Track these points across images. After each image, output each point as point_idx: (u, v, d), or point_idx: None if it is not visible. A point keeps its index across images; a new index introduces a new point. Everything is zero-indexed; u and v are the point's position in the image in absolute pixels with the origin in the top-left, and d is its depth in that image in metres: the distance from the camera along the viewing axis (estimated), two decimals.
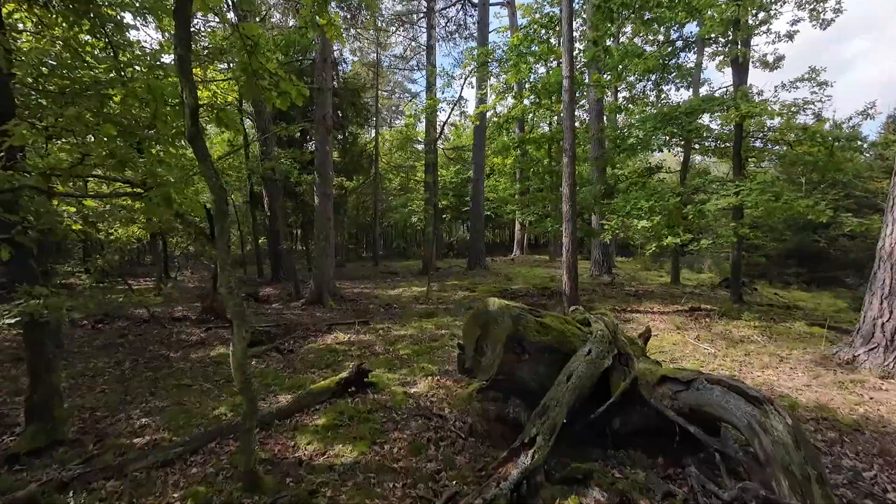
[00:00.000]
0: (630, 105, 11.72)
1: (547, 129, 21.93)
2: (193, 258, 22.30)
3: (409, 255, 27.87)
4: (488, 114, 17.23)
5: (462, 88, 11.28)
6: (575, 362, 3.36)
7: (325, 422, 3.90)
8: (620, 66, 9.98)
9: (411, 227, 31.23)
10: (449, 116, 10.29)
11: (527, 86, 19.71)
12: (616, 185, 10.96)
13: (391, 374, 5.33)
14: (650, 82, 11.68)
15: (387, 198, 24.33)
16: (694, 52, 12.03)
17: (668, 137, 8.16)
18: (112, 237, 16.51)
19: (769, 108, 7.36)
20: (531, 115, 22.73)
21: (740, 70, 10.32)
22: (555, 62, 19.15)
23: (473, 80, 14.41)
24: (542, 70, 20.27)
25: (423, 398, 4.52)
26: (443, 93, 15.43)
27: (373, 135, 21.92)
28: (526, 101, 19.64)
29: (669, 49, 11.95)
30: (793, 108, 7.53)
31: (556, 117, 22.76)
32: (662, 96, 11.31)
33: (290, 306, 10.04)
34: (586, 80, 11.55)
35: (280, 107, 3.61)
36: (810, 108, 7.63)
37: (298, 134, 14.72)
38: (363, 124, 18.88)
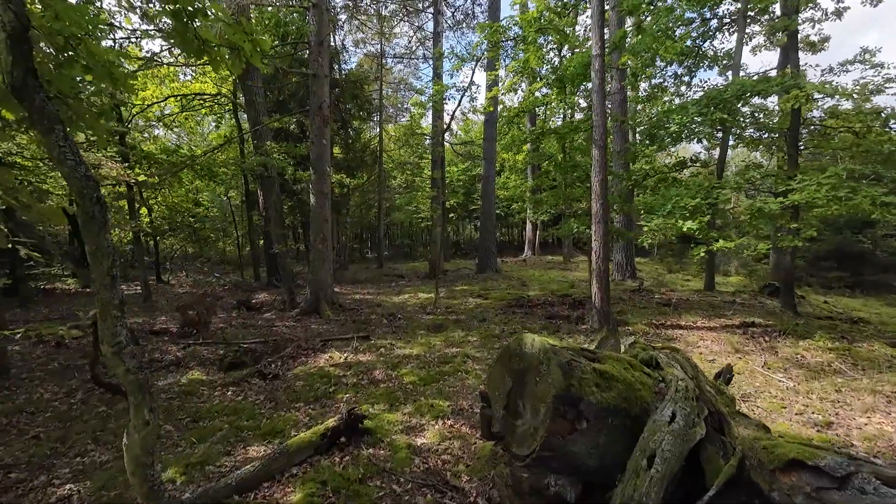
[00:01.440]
0: (658, 93, 10.57)
1: (560, 123, 20.71)
2: (192, 259, 21.50)
3: (415, 256, 26.90)
4: (499, 107, 16.12)
5: (473, 73, 10.17)
6: (656, 434, 2.31)
7: (301, 498, 2.89)
8: (650, 50, 8.87)
9: (417, 226, 30.25)
10: (459, 104, 9.20)
11: (542, 71, 18.59)
12: (643, 180, 9.83)
13: (392, 413, 4.32)
14: (683, 67, 10.52)
15: (391, 196, 23.34)
16: (731, 32, 10.83)
17: (709, 126, 7.02)
18: None
19: (840, 89, 6.20)
20: (543, 108, 21.62)
21: (787, 50, 9.16)
22: (569, 52, 17.96)
23: (485, 62, 13.20)
24: (556, 61, 19.13)
25: (432, 454, 3.50)
26: (451, 77, 14.59)
27: (376, 130, 20.94)
28: (538, 94, 18.51)
29: (702, 30, 10.79)
30: (869, 87, 6.36)
31: (570, 110, 21.60)
32: (695, 81, 10.10)
33: (284, 316, 9.08)
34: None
35: (231, 70, 2.59)
36: (893, 86, 6.46)
37: (295, 126, 13.74)
38: (366, 119, 17.88)
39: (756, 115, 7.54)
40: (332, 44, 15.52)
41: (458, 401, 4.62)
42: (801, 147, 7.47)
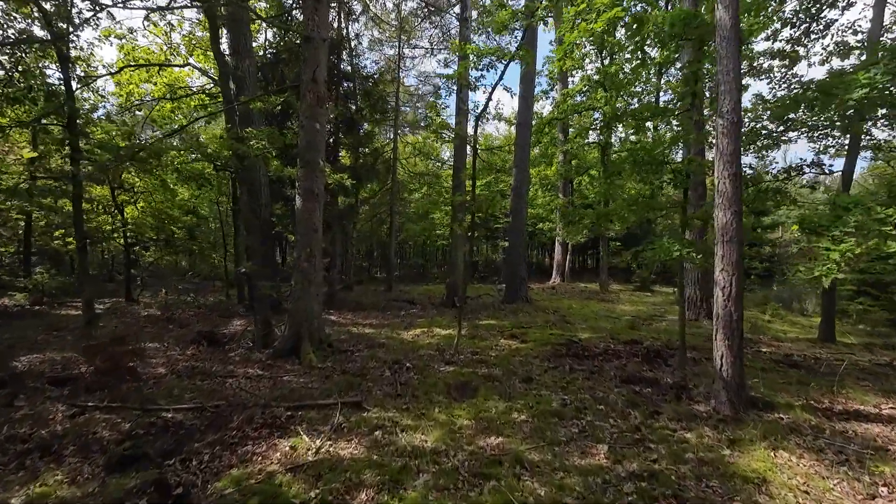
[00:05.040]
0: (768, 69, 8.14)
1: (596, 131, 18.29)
2: (181, 275, 19.45)
3: (429, 278, 24.43)
4: (530, 113, 13.84)
5: (524, 34, 7.85)
6: None
7: None
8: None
9: (432, 244, 27.93)
10: (501, 77, 6.85)
11: (576, 77, 16.37)
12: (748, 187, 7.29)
13: None
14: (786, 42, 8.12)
15: (405, 209, 21.12)
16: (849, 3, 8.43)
17: None
18: (70, 246, 13.68)
19: None
20: (579, 115, 19.33)
21: None
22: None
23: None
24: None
25: None
26: (487, 38, 13.34)
27: (390, 140, 18.92)
28: (570, 101, 16.26)
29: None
30: None
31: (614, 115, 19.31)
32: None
33: (251, 359, 6.66)
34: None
35: None
36: None
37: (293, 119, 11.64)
38: (380, 121, 15.82)
39: None
40: (344, 33, 13.64)
41: None
42: None
